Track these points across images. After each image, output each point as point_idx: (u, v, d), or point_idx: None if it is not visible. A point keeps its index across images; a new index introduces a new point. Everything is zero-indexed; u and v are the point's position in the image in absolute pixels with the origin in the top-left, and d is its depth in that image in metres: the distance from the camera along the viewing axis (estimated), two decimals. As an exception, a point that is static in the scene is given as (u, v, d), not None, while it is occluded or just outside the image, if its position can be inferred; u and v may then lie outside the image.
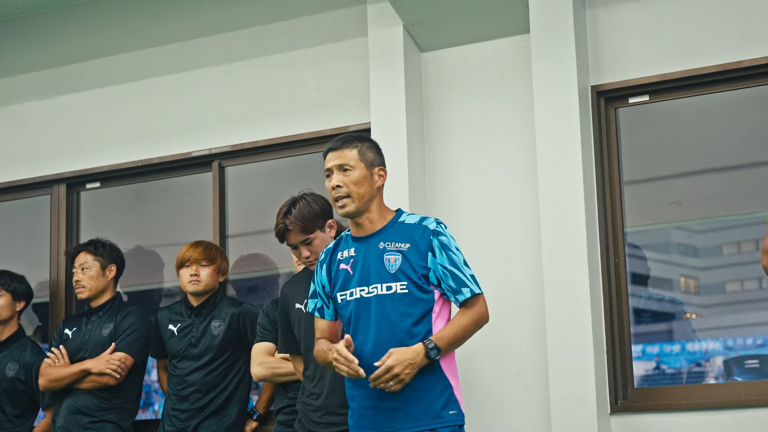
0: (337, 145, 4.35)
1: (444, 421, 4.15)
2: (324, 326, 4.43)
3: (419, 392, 4.16)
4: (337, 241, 4.43)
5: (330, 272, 4.38)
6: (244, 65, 6.36)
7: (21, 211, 6.94)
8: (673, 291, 5.78)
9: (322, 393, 4.80)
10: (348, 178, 4.28)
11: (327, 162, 4.34)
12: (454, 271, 4.23)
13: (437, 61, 5.86)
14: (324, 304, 4.40)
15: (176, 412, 5.73)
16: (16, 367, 6.22)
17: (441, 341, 4.15)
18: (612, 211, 5.47)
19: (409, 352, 4.10)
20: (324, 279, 4.39)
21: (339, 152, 4.32)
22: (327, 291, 4.39)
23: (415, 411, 4.15)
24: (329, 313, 4.40)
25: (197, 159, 6.41)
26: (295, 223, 4.89)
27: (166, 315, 5.92)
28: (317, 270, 4.43)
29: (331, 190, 4.30)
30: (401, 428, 4.16)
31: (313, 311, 4.44)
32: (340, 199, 4.28)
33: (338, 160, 4.31)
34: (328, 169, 4.33)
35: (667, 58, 5.46)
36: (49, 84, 6.84)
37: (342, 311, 4.32)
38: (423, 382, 4.16)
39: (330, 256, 4.40)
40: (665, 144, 5.65)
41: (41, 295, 6.67)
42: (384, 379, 4.08)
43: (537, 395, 5.36)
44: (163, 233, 6.72)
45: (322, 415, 4.79)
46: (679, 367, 5.63)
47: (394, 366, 4.07)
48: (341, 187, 4.27)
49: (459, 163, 5.76)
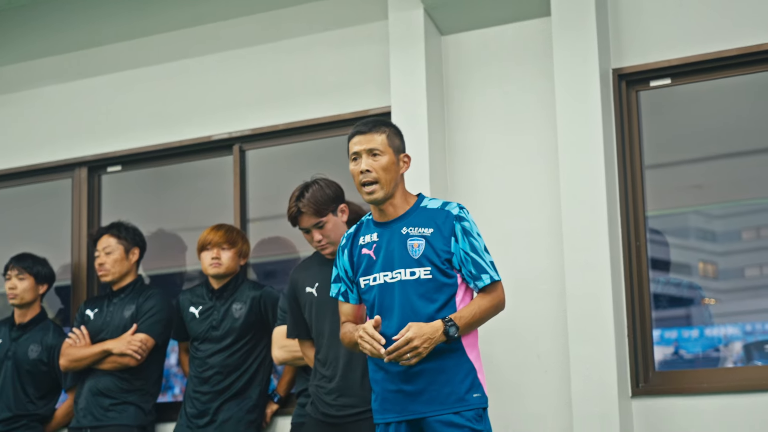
0: (366, 128, 4.31)
1: (468, 404, 4.15)
2: (349, 310, 4.42)
3: (443, 375, 4.16)
4: (358, 226, 4.42)
5: (352, 257, 4.37)
6: (264, 49, 6.37)
7: (43, 194, 6.97)
8: (692, 276, 5.77)
9: (335, 376, 4.82)
10: (377, 164, 4.26)
11: (354, 145, 4.30)
12: (475, 257, 4.23)
13: (458, 44, 5.85)
14: (348, 288, 4.40)
15: (197, 394, 5.76)
16: (39, 349, 6.26)
17: (460, 320, 4.15)
18: (633, 194, 5.46)
19: (428, 327, 4.09)
20: (346, 263, 4.39)
21: (368, 136, 4.29)
22: (350, 275, 4.38)
23: (439, 394, 4.15)
24: (353, 297, 4.40)
25: (218, 143, 6.42)
26: (308, 207, 4.90)
27: (187, 298, 5.94)
28: (339, 254, 4.43)
29: (359, 175, 4.26)
30: (425, 412, 4.16)
31: (337, 296, 4.43)
32: (369, 185, 4.26)
33: (367, 144, 4.28)
34: (355, 153, 4.29)
35: (689, 40, 5.44)
36: (71, 68, 6.86)
37: (365, 296, 4.32)
38: (447, 365, 4.16)
39: (351, 241, 4.39)
40: (686, 127, 5.63)
41: (63, 278, 6.70)
42: (402, 350, 4.06)
43: (557, 379, 5.36)
44: (184, 217, 6.74)
45: (336, 397, 4.80)
46: (698, 352, 5.62)
47: (414, 338, 4.06)
48: (371, 172, 4.24)
49: (480, 147, 5.75)
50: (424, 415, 4.16)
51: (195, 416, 5.73)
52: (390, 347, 4.07)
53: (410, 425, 4.20)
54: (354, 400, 4.76)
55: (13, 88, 7.00)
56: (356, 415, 4.75)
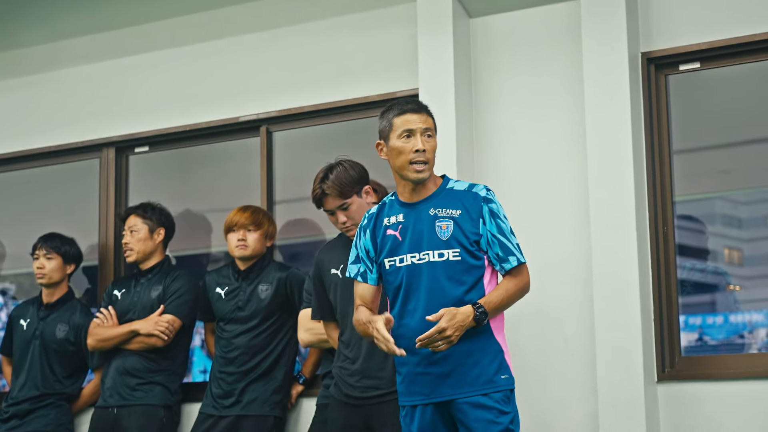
0: (419, 107, 4.30)
1: (497, 386, 4.16)
2: (365, 291, 4.39)
3: (471, 357, 4.16)
4: (381, 206, 4.40)
5: (375, 237, 4.35)
6: (293, 30, 6.36)
7: (71, 174, 6.99)
8: (717, 262, 5.75)
9: (359, 357, 4.82)
10: (430, 145, 4.26)
11: (407, 122, 4.26)
12: (502, 239, 4.23)
13: (486, 27, 5.83)
14: (367, 268, 4.37)
15: (223, 374, 5.78)
16: (66, 329, 6.29)
17: (489, 305, 4.15)
18: (661, 179, 5.44)
19: (460, 314, 4.09)
20: (368, 243, 4.37)
21: (423, 116, 4.28)
22: (371, 256, 4.36)
23: (467, 376, 4.16)
24: (372, 277, 4.38)
25: (245, 124, 6.42)
26: (333, 188, 4.90)
27: (213, 278, 5.96)
28: (359, 235, 4.41)
29: (410, 152, 4.23)
30: (453, 394, 4.17)
31: (355, 276, 4.41)
32: (421, 164, 4.24)
33: (423, 123, 4.26)
34: (409, 130, 4.25)
35: (718, 24, 5.41)
36: (99, 48, 6.87)
37: (390, 277, 4.30)
38: (475, 346, 4.16)
39: (374, 221, 4.38)
40: (715, 112, 5.61)
41: (90, 258, 6.73)
42: (434, 339, 4.06)
43: (583, 363, 5.36)
44: (211, 198, 6.75)
45: (359, 379, 4.80)
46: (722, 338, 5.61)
47: (446, 328, 4.06)
48: (425, 152, 4.23)
49: (507, 131, 5.74)
50: (453, 397, 4.16)
51: (221, 396, 5.76)
52: (422, 335, 4.07)
53: (438, 408, 4.21)
54: (377, 381, 4.77)
55: (42, 68, 7.01)
56: (379, 397, 4.75)
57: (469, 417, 4.14)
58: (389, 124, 4.29)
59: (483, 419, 4.12)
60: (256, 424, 5.69)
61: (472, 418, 4.13)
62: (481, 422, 4.12)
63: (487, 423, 4.12)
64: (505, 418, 4.14)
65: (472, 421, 4.13)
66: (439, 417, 4.21)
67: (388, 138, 4.30)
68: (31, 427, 6.17)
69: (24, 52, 7.07)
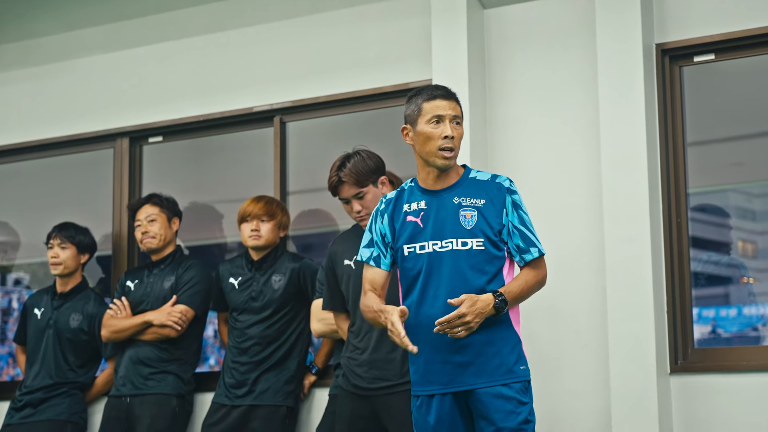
0: (448, 94, 4.27)
1: (517, 376, 4.15)
2: (376, 276, 4.35)
3: (492, 347, 4.15)
4: (400, 192, 4.37)
5: (393, 223, 4.32)
6: (307, 21, 6.36)
7: (85, 164, 7.00)
8: (731, 255, 5.74)
9: (368, 348, 4.82)
10: (458, 132, 4.24)
11: (437, 108, 4.23)
12: (524, 230, 4.23)
13: (500, 17, 5.82)
14: (381, 253, 4.34)
15: (236, 364, 5.79)
16: (80, 318, 6.31)
17: (509, 295, 4.14)
18: (675, 171, 5.43)
19: (481, 302, 4.08)
20: (385, 228, 4.34)
21: (452, 103, 4.26)
22: (387, 241, 4.33)
23: (488, 366, 4.14)
24: (386, 262, 4.34)
25: (258, 114, 6.42)
26: (349, 177, 4.91)
27: (227, 268, 5.97)
28: (376, 219, 4.37)
29: (439, 138, 4.21)
30: (474, 384, 4.15)
31: (367, 260, 4.37)
32: (449, 151, 4.22)
33: (453, 110, 4.25)
34: (438, 116, 4.22)
35: (733, 15, 5.39)
36: (113, 38, 6.88)
37: (408, 264, 4.27)
38: (495, 337, 4.16)
39: (393, 206, 4.34)
40: (729, 104, 5.59)
41: (104, 248, 6.75)
42: (454, 324, 4.05)
43: (596, 355, 5.35)
44: (224, 188, 6.76)
45: (368, 369, 4.81)
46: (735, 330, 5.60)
47: (467, 314, 4.05)
48: (454, 139, 4.22)
49: (520, 121, 5.73)
50: (473, 387, 4.15)
51: (233, 386, 5.77)
52: (441, 319, 4.05)
53: (456, 398, 4.19)
54: (385, 373, 4.77)
55: (56, 58, 7.03)
56: (387, 388, 4.76)
57: (489, 407, 4.13)
58: (418, 109, 4.26)
59: (503, 410, 4.12)
60: (269, 414, 5.70)
61: (492, 409, 4.12)
62: (501, 413, 4.11)
63: (507, 413, 4.11)
64: (524, 409, 4.14)
65: (493, 411, 4.12)
66: (457, 408, 4.19)
67: (416, 123, 4.27)
68: (45, 416, 6.19)
69: (38, 42, 7.09)
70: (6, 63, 7.18)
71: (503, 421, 4.10)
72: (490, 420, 4.12)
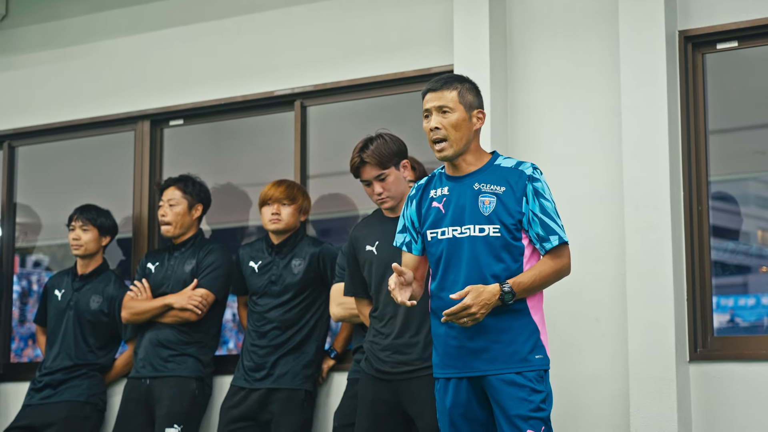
0: (437, 85, 4.30)
1: (531, 365, 4.17)
2: (408, 261, 4.41)
3: (507, 335, 4.17)
4: (430, 178, 4.41)
5: (420, 208, 4.36)
6: (329, 5, 6.35)
7: (106, 146, 7.02)
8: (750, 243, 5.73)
9: (392, 332, 4.84)
10: (447, 121, 4.25)
11: (426, 102, 4.30)
12: (544, 218, 4.22)
13: (522, 3, 5.80)
14: (412, 239, 4.39)
15: (255, 348, 5.81)
16: (100, 300, 6.34)
17: (518, 286, 4.14)
18: (696, 159, 5.41)
19: (486, 293, 4.10)
20: (413, 214, 4.38)
21: (438, 93, 4.28)
22: (416, 226, 4.37)
23: (502, 354, 4.16)
24: (417, 248, 4.39)
25: (279, 98, 6.42)
26: (372, 158, 4.92)
27: (247, 252, 5.98)
28: (407, 205, 4.42)
29: (429, 132, 4.27)
30: (487, 370, 4.18)
31: (401, 245, 4.43)
32: (438, 142, 4.25)
33: (437, 101, 4.27)
34: (426, 110, 4.29)
35: (757, 3, 5.35)
36: (136, 21, 6.88)
37: (432, 249, 4.30)
38: (511, 325, 4.17)
39: (422, 192, 4.39)
40: (751, 92, 5.57)
41: (124, 230, 6.76)
42: (459, 315, 4.08)
43: (615, 342, 5.35)
44: (245, 172, 6.77)
45: (391, 354, 4.83)
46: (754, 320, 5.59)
47: (471, 305, 4.08)
48: (440, 129, 4.24)
49: (542, 108, 5.72)
50: (486, 373, 4.18)
51: (252, 369, 5.79)
52: (447, 311, 4.10)
53: (471, 382, 4.22)
54: (408, 357, 4.79)
55: (78, 40, 7.04)
56: (409, 372, 4.78)
57: (501, 394, 4.15)
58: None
59: (515, 397, 4.14)
60: (287, 398, 5.72)
61: (504, 395, 4.14)
62: (512, 399, 4.14)
63: (519, 400, 4.13)
64: (537, 397, 4.15)
65: (504, 398, 4.14)
66: (473, 393, 4.22)
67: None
68: (65, 397, 6.22)
69: (61, 23, 7.10)
70: (29, 45, 7.20)
71: (514, 408, 4.13)
72: (502, 407, 4.15)
